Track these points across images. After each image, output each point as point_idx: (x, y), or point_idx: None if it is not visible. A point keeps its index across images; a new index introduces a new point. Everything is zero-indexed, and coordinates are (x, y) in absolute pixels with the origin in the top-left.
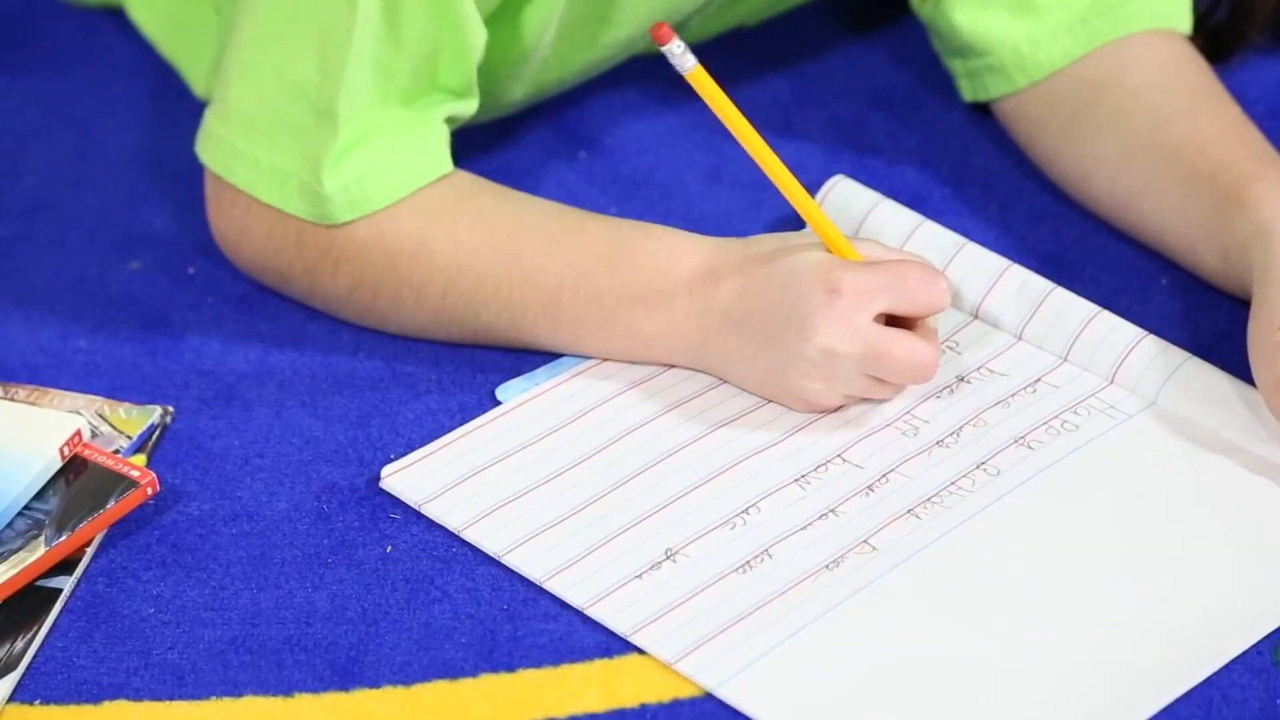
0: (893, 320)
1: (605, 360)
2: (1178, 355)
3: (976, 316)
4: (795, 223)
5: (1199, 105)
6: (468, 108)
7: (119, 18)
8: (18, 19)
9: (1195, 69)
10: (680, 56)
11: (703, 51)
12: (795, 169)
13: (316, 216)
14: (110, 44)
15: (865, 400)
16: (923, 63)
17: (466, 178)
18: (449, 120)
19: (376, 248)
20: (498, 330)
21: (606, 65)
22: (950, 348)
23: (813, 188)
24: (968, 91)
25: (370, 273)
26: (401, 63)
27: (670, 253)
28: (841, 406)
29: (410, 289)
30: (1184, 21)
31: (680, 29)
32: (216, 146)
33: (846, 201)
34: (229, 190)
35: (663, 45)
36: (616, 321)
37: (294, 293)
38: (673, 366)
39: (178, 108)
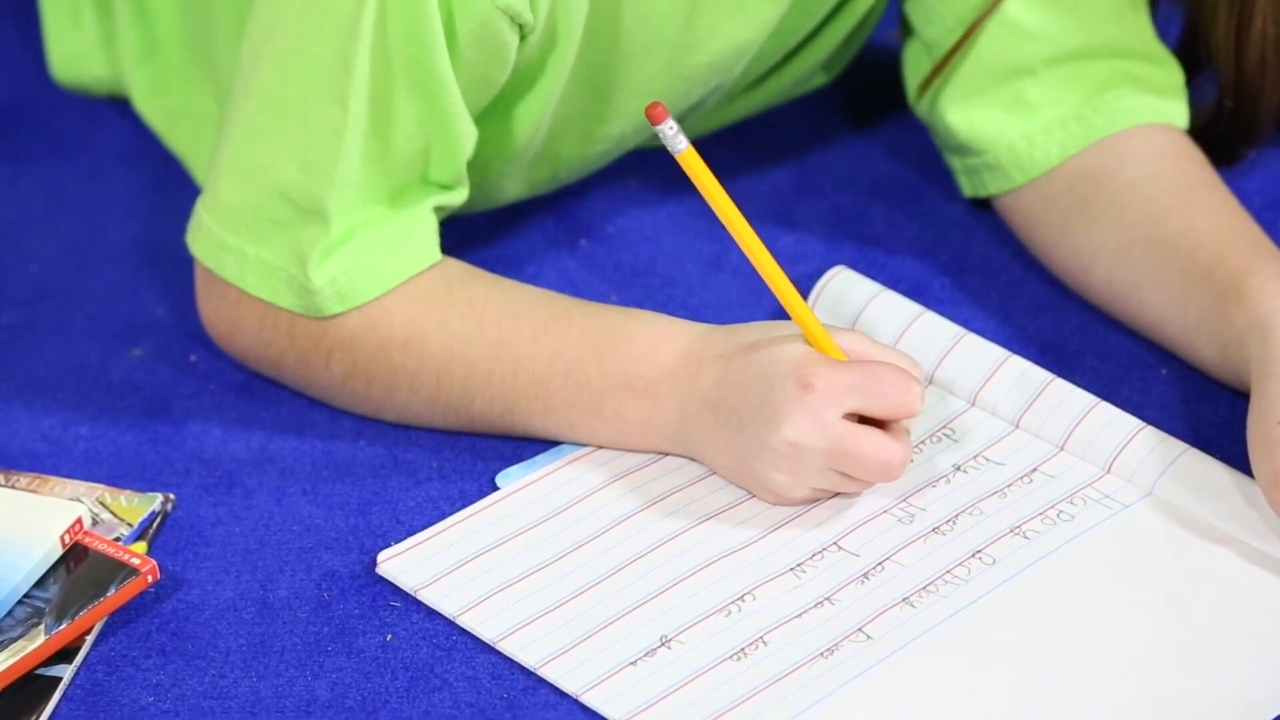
0: (866, 419)
1: (600, 448)
2: (1176, 446)
3: (974, 404)
4: None
5: (1196, 198)
6: (457, 198)
7: (123, 106)
8: (23, 107)
9: (1192, 162)
10: (673, 137)
11: (702, 141)
12: (796, 258)
13: (306, 309)
14: (115, 133)
15: (836, 495)
16: (922, 154)
17: (456, 266)
18: (438, 210)
19: (369, 337)
20: (491, 417)
21: (601, 162)
22: (947, 435)
23: (813, 277)
24: (967, 188)
25: (363, 361)
26: (391, 161)
27: (655, 339)
28: (811, 501)
29: (404, 376)
30: (1179, 116)
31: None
32: (206, 239)
33: (846, 292)
34: (219, 283)
35: (656, 125)
36: (605, 408)
37: (289, 382)
38: (665, 455)
39: (181, 196)
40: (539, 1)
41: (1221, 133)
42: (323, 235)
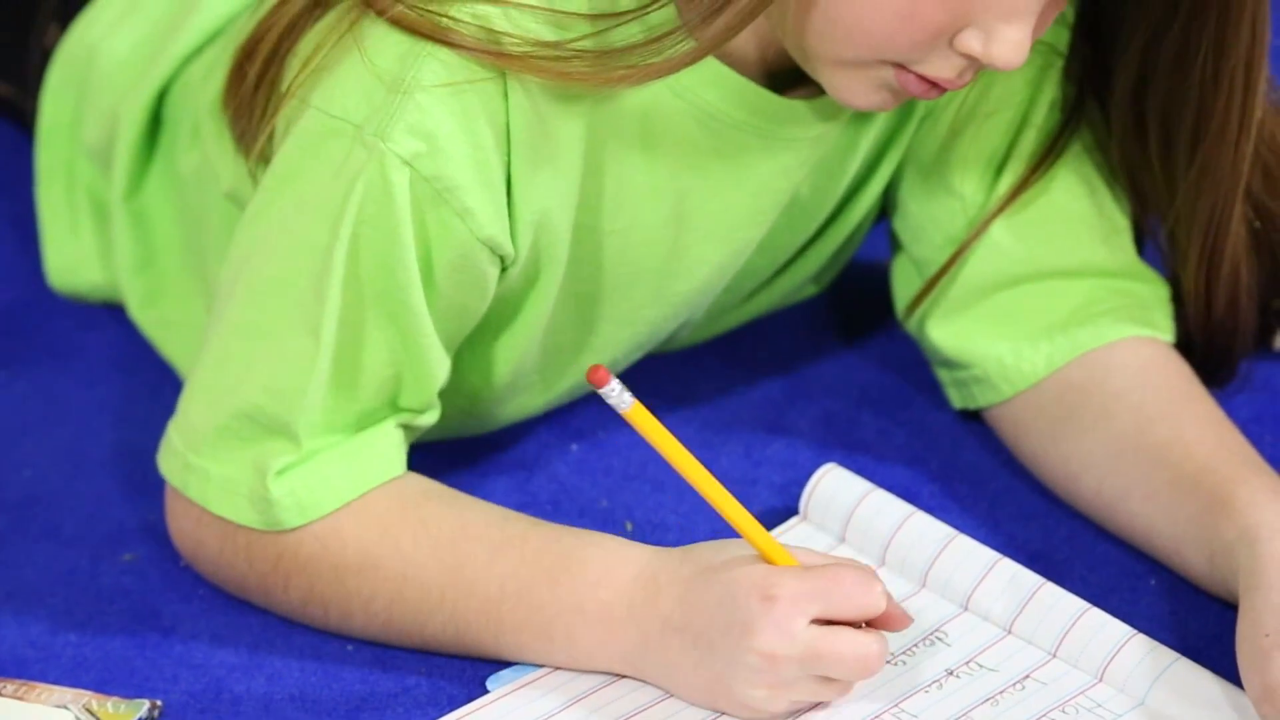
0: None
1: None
2: (1167, 655)
3: (966, 609)
4: (783, 514)
5: (1183, 408)
6: (427, 419)
7: (118, 312)
8: (18, 314)
9: (1178, 374)
10: (618, 396)
11: (692, 351)
12: (786, 464)
13: (266, 523)
14: (109, 338)
15: (815, 706)
16: (911, 362)
17: (414, 486)
18: (408, 429)
19: (323, 562)
20: (444, 640)
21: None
22: (939, 638)
23: (804, 483)
24: (956, 400)
25: (319, 587)
26: (360, 388)
27: (610, 562)
28: (792, 713)
29: (359, 603)
30: (1165, 330)
31: (666, 340)
32: (173, 459)
33: (837, 490)
34: (183, 502)
35: (600, 388)
36: (556, 631)
37: (256, 604)
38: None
39: (173, 403)
40: (520, 234)
41: (1195, 365)
42: (287, 452)
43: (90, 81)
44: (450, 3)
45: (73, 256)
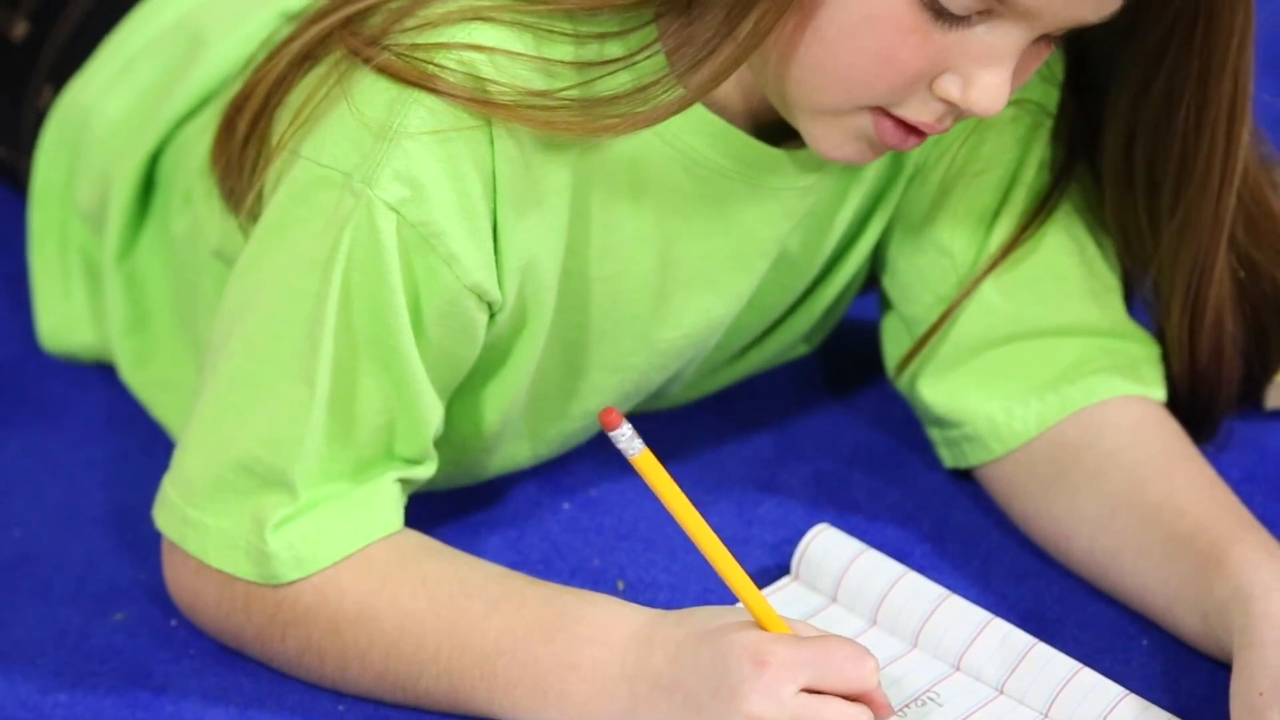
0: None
1: None
2: (1160, 716)
3: (959, 669)
4: (774, 573)
5: (1175, 467)
6: (424, 472)
7: (110, 372)
8: (11, 372)
9: (1169, 432)
10: (628, 441)
11: (684, 408)
12: (777, 524)
13: (263, 577)
14: (101, 398)
15: None
16: (902, 422)
17: (413, 540)
18: (405, 483)
19: (321, 613)
20: (437, 695)
21: (581, 437)
22: (931, 699)
23: (794, 542)
24: (948, 459)
25: (316, 638)
26: (355, 435)
27: (606, 620)
28: None
29: (355, 654)
30: (1156, 388)
31: (658, 396)
32: (170, 513)
33: (829, 550)
34: (180, 554)
35: (611, 430)
36: (550, 687)
37: (252, 655)
38: None
39: (164, 463)
40: (507, 281)
41: (1179, 419)
42: (284, 504)
43: (84, 143)
44: (437, 50)
45: (64, 317)
